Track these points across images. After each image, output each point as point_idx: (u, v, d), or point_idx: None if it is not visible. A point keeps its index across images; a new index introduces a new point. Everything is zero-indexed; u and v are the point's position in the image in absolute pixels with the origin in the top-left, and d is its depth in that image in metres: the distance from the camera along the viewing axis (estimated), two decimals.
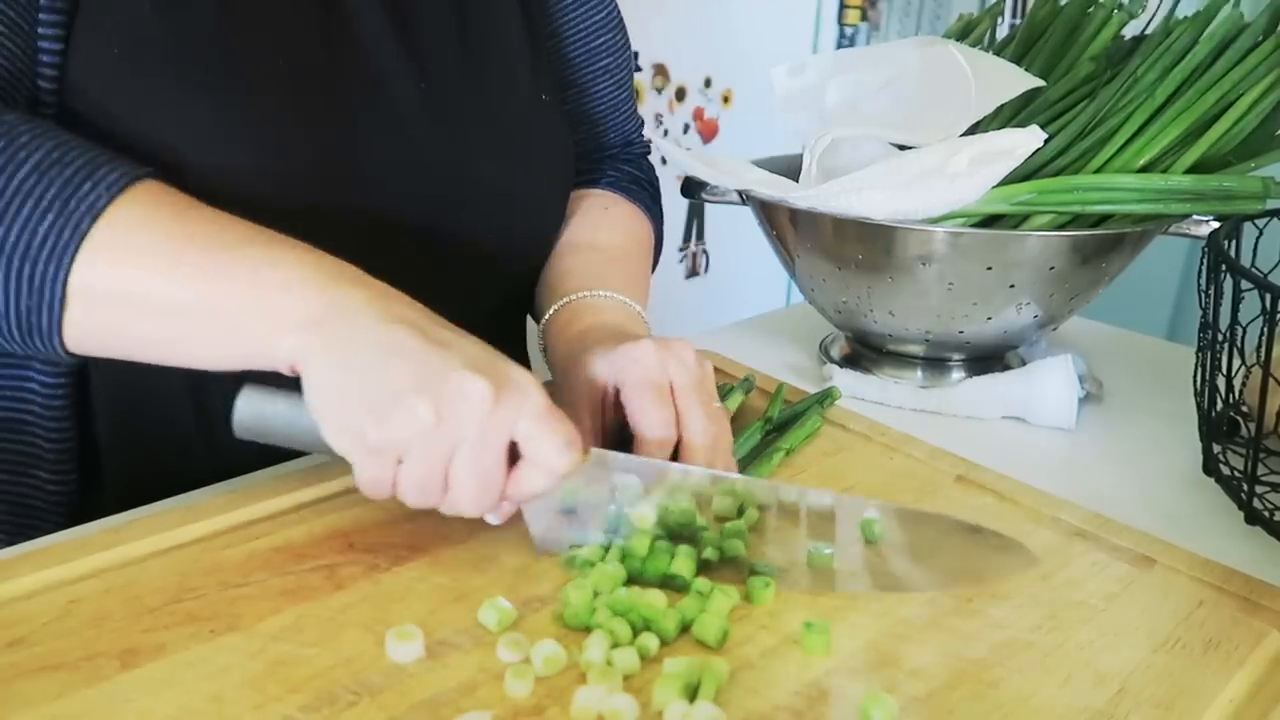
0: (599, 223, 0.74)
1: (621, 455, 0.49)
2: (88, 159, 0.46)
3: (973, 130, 0.73)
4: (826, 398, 0.67)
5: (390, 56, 0.60)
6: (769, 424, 0.64)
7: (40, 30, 0.51)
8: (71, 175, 0.45)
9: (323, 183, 0.57)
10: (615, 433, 0.56)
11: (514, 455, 0.45)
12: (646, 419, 0.52)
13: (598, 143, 0.80)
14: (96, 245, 0.45)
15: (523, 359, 0.69)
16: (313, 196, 0.57)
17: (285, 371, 0.45)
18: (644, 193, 0.81)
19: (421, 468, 0.44)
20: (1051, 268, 0.68)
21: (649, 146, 0.85)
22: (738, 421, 0.64)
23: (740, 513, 0.50)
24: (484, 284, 0.68)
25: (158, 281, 0.45)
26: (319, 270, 0.46)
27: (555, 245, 0.73)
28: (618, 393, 0.54)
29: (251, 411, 0.47)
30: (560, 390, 0.59)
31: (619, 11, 0.78)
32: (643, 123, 0.84)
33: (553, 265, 0.71)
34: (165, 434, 0.61)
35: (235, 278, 0.45)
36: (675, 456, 0.53)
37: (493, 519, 0.47)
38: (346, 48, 0.59)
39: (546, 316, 0.66)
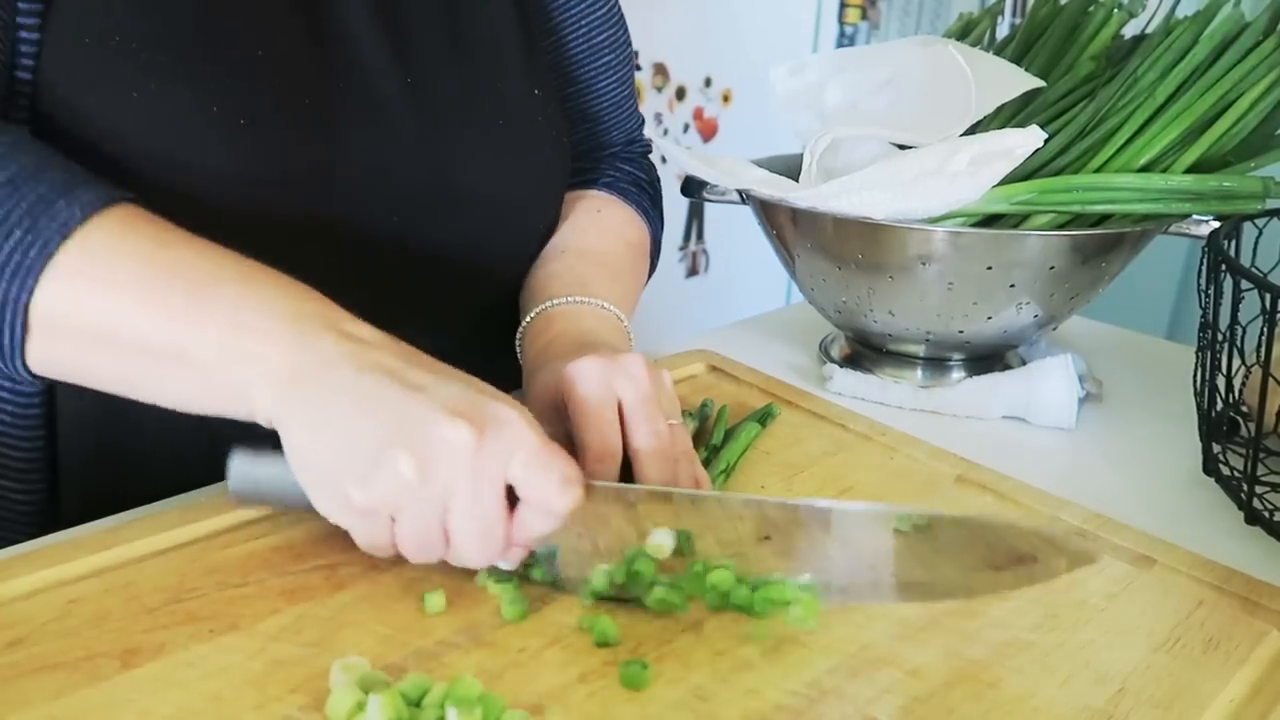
0: (588, 226, 0.73)
1: (627, 486, 0.47)
2: (66, 175, 0.44)
3: (973, 130, 0.73)
4: (766, 415, 0.66)
5: (373, 51, 0.59)
6: (712, 451, 0.61)
7: (19, 20, 0.49)
8: (45, 192, 0.43)
9: (301, 175, 0.56)
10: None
11: (513, 496, 0.43)
12: (584, 434, 0.51)
13: (599, 141, 0.79)
14: (65, 271, 0.43)
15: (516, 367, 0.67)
16: (291, 188, 0.55)
17: (264, 425, 0.43)
18: (643, 194, 0.79)
19: (417, 524, 0.42)
20: (1051, 267, 0.68)
21: (650, 145, 0.84)
22: None
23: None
24: (471, 281, 0.67)
25: (127, 319, 0.43)
26: (295, 319, 0.43)
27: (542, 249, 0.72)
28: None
29: (244, 477, 0.45)
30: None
31: (620, 6, 0.77)
32: (643, 121, 0.83)
33: (536, 270, 0.70)
34: (129, 447, 0.60)
35: (207, 325, 0.43)
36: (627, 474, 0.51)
37: (504, 565, 0.45)
38: (329, 42, 0.57)
39: (524, 324, 0.64)
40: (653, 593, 0.45)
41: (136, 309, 0.43)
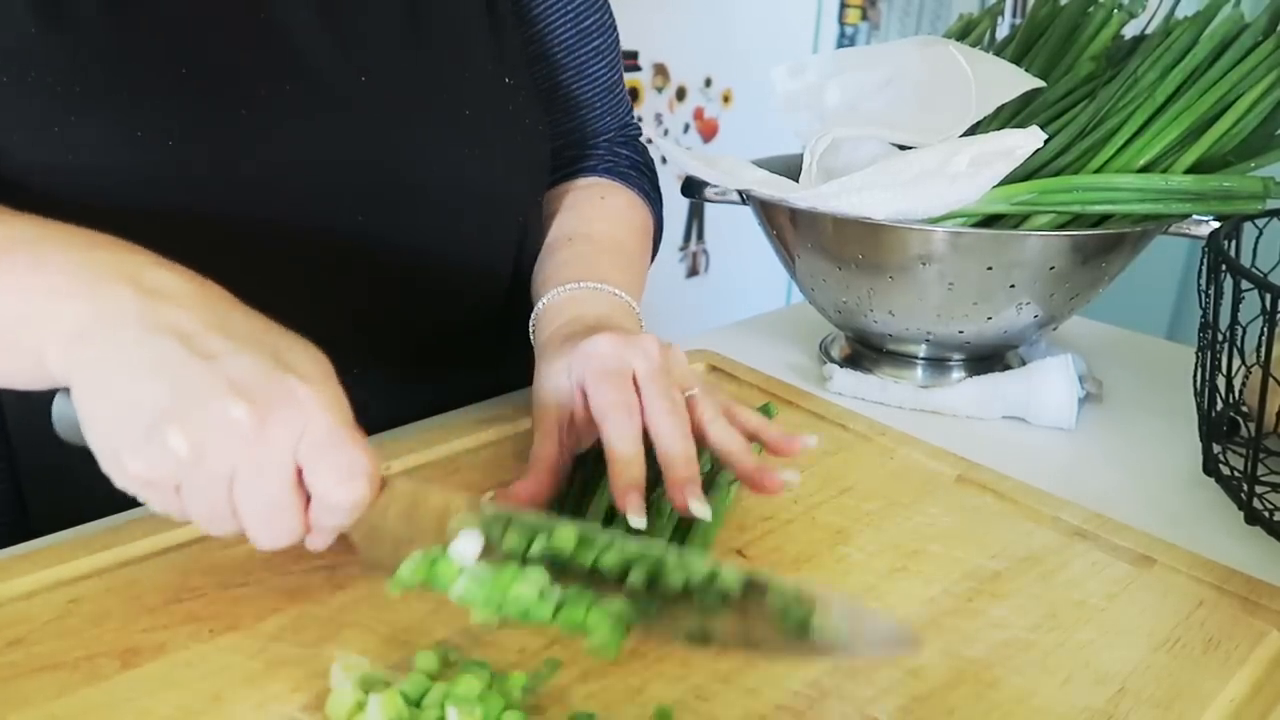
0: (594, 213, 0.73)
1: (432, 487, 0.44)
2: None
3: (973, 130, 0.73)
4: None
5: (319, 49, 0.57)
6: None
7: None
8: None
9: (245, 186, 0.54)
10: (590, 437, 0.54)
11: None
12: (601, 399, 0.50)
13: (594, 127, 0.79)
14: None
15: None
16: (236, 201, 0.54)
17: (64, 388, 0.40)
18: (642, 177, 0.79)
19: (199, 500, 0.39)
20: (1051, 267, 0.68)
21: (640, 128, 0.84)
22: None
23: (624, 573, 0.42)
24: (448, 276, 0.66)
25: None
26: (84, 271, 0.40)
27: (548, 238, 0.71)
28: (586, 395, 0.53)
29: (64, 420, 0.42)
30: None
31: None
32: (631, 105, 0.83)
33: (546, 259, 0.69)
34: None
35: (3, 293, 0.40)
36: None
37: (313, 546, 0.42)
38: (268, 45, 0.56)
39: (537, 310, 0.64)
40: (456, 584, 0.42)
41: None
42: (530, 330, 0.65)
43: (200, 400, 0.37)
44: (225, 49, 0.55)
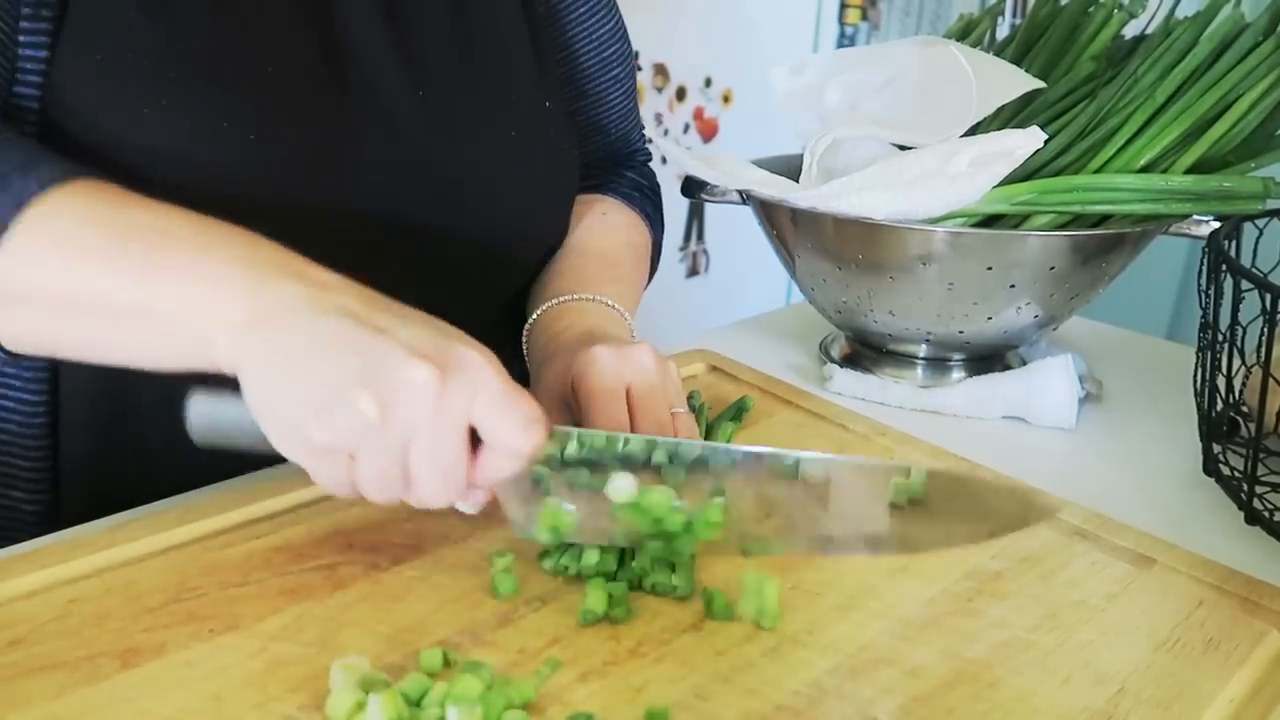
0: (594, 228, 0.74)
1: (587, 431, 0.47)
2: (25, 155, 0.45)
3: (973, 130, 0.73)
4: (740, 411, 0.66)
5: (386, 66, 0.60)
6: None
7: (23, 39, 0.51)
8: (5, 170, 0.44)
9: (309, 187, 0.57)
10: None
11: (477, 438, 0.42)
12: (593, 423, 0.52)
13: (607, 152, 0.80)
14: (21, 242, 0.44)
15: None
16: (299, 200, 0.56)
17: (226, 373, 0.43)
18: (645, 199, 0.81)
19: (376, 464, 0.41)
20: (1052, 268, 0.68)
21: (650, 153, 0.86)
22: None
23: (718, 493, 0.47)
24: (483, 290, 0.68)
25: (86, 282, 0.44)
26: (252, 266, 0.43)
27: None
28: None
29: (204, 420, 0.44)
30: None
31: (623, 20, 0.79)
32: (644, 128, 0.84)
33: (544, 269, 0.71)
34: (135, 452, 0.60)
35: (165, 279, 0.43)
36: None
37: (466, 508, 0.45)
38: (341, 57, 0.59)
39: (531, 320, 0.65)
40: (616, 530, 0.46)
41: (95, 273, 0.43)
42: (524, 337, 0.65)
43: (384, 366, 0.40)
44: (305, 58, 0.57)
